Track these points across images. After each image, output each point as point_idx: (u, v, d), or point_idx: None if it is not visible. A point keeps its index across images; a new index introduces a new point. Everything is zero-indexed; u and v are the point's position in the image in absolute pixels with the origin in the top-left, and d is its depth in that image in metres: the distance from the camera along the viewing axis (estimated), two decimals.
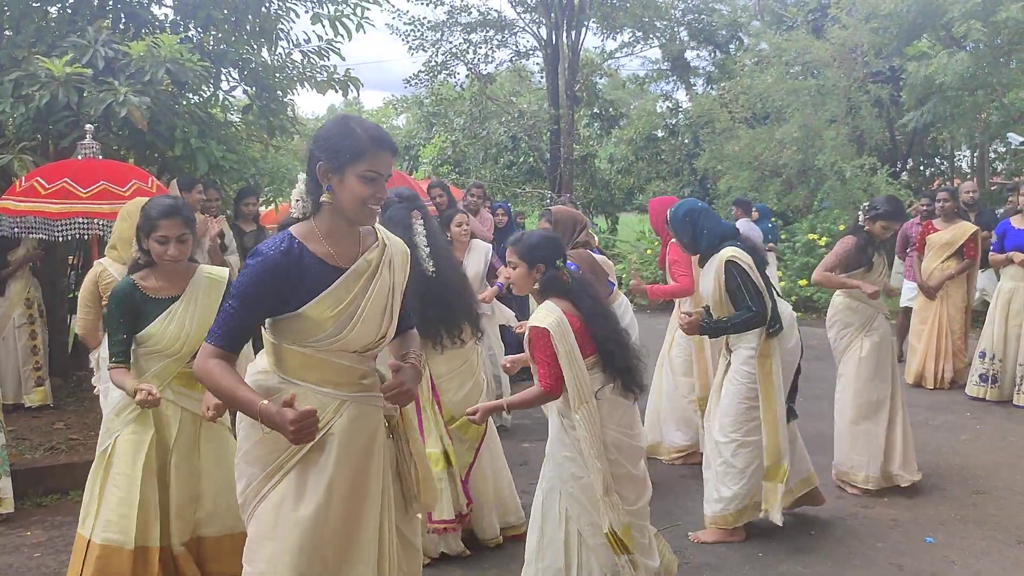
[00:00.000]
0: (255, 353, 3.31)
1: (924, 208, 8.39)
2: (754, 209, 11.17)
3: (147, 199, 3.53)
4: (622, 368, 3.25)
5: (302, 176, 2.38)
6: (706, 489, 4.40)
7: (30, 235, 5.49)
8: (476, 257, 5.66)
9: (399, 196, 4.05)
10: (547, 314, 3.19)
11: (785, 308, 4.41)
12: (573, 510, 3.26)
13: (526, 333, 3.26)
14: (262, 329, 2.40)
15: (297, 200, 2.35)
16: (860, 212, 4.98)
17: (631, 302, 5.82)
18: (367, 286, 2.34)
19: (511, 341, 6.48)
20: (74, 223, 5.11)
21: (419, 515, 2.68)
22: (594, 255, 4.96)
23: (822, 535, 4.37)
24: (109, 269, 3.94)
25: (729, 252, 4.17)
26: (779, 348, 4.27)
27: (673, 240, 5.22)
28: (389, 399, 2.40)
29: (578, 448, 3.22)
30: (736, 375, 4.30)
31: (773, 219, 12.30)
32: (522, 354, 3.53)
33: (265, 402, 2.19)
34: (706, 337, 5.02)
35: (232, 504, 3.22)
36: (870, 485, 4.91)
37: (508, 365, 3.88)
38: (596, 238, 6.00)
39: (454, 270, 4.20)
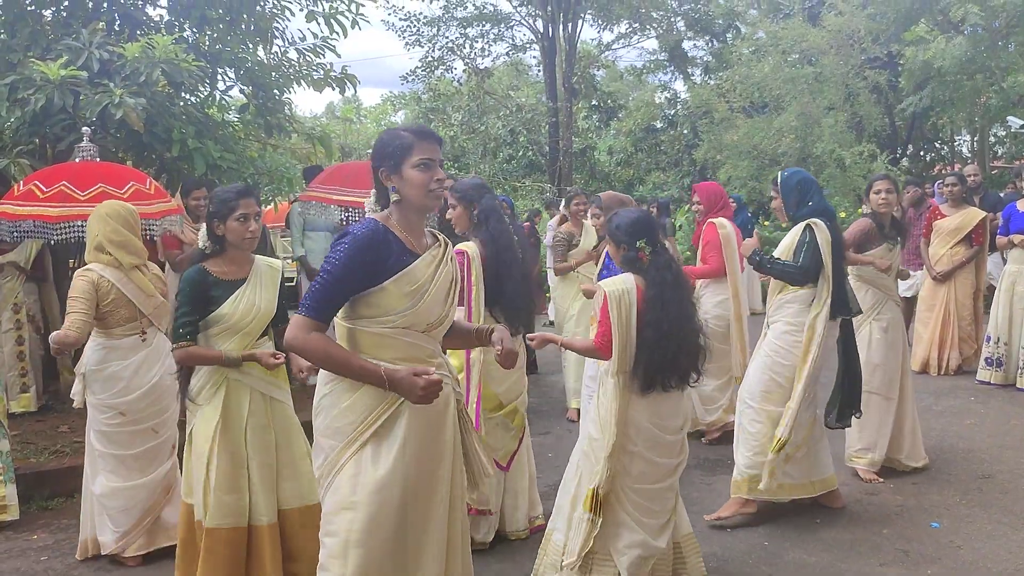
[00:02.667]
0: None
1: (909, 195, 8.40)
2: (732, 201, 11.23)
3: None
4: (650, 359, 3.30)
5: (372, 192, 2.70)
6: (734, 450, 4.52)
7: (29, 239, 5.50)
8: None
9: (482, 187, 4.18)
10: (619, 282, 3.39)
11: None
12: (585, 469, 3.43)
13: (597, 292, 3.44)
14: (338, 317, 2.55)
15: (370, 211, 2.60)
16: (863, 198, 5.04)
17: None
18: (435, 272, 2.57)
19: None
20: (73, 226, 5.10)
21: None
22: None
23: (827, 522, 4.37)
24: (105, 274, 3.94)
25: (814, 220, 4.33)
26: (829, 332, 4.33)
27: (712, 221, 5.64)
28: (501, 360, 2.68)
29: (600, 412, 3.39)
30: (768, 347, 4.42)
31: (750, 210, 12.33)
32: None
33: (388, 366, 2.42)
34: (744, 319, 5.55)
35: (304, 475, 3.54)
36: (874, 468, 4.94)
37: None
38: None
39: (528, 260, 4.37)
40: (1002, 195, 9.09)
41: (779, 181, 4.61)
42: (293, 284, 8.10)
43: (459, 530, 2.70)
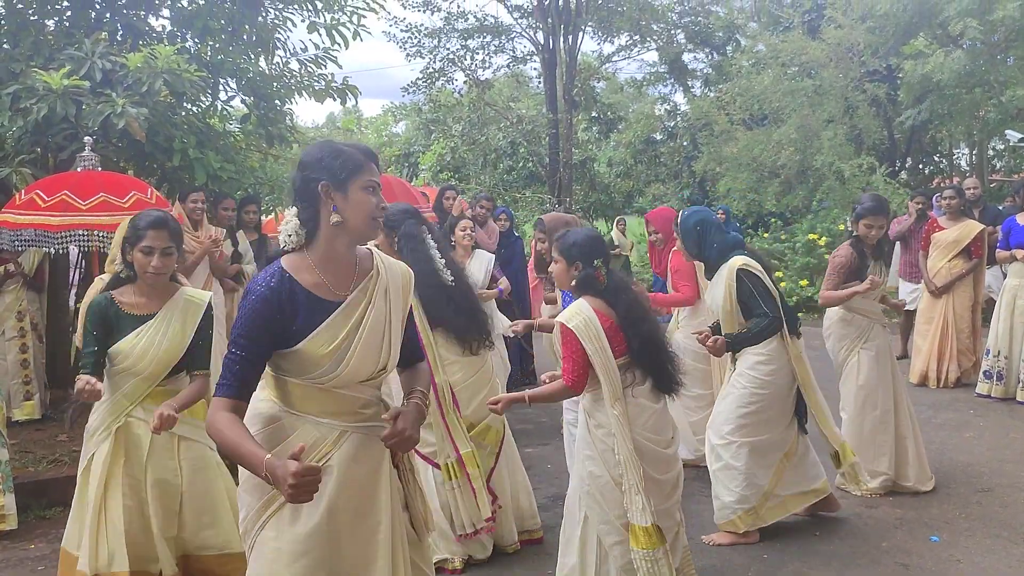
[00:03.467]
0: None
1: (919, 206, 8.40)
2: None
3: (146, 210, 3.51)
4: (654, 368, 3.31)
5: (291, 211, 2.30)
6: (714, 496, 4.42)
7: (30, 248, 5.51)
8: (477, 265, 5.67)
9: (405, 212, 4.08)
10: (575, 314, 3.28)
11: None
12: (592, 510, 3.34)
13: (556, 328, 3.34)
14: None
15: (290, 235, 2.28)
16: (848, 219, 4.96)
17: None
18: (360, 319, 2.29)
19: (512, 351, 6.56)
20: (74, 235, 5.11)
21: (429, 541, 2.68)
22: None
23: (827, 536, 4.36)
24: None
25: (739, 261, 4.22)
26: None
27: (676, 248, 5.27)
28: (390, 447, 2.35)
29: (598, 447, 3.31)
30: (740, 379, 4.32)
31: (749, 222, 12.37)
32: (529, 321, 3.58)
33: (270, 456, 2.08)
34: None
35: (224, 520, 3.30)
36: (878, 493, 4.87)
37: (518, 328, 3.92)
38: None
39: (466, 280, 4.25)
40: (1001, 208, 9.10)
41: (678, 222, 4.59)
42: None
43: None
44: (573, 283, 3.38)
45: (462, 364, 4.09)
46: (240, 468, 2.31)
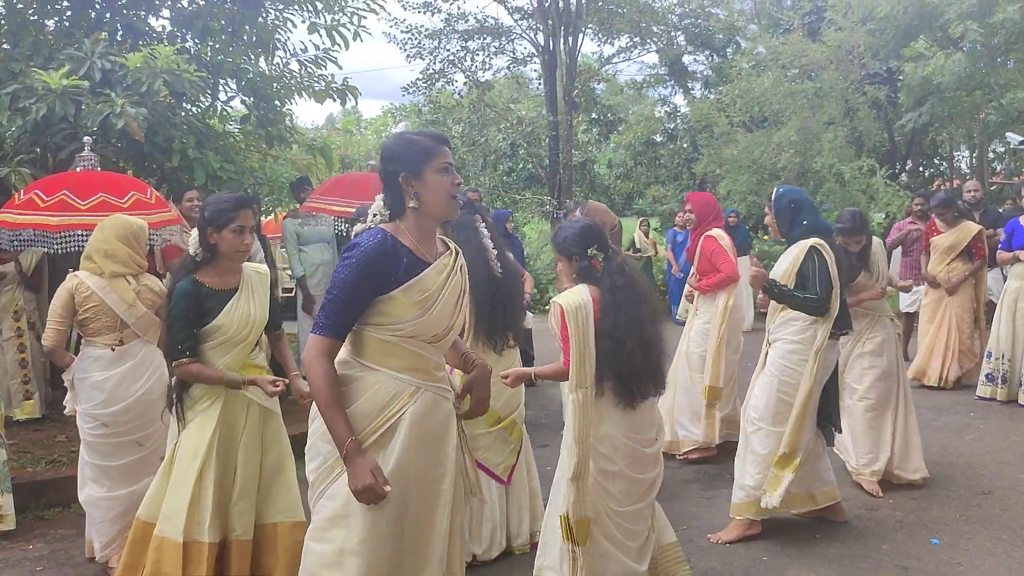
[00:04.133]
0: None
1: (918, 208, 8.39)
2: (732, 215, 11.45)
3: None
4: (619, 369, 3.20)
5: (379, 195, 2.57)
6: (736, 477, 4.46)
7: (29, 248, 5.49)
8: None
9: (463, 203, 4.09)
10: (572, 294, 3.27)
11: None
12: (558, 493, 3.33)
13: (553, 309, 3.33)
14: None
15: (375, 215, 2.54)
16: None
17: None
18: (445, 281, 2.55)
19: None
20: (73, 235, 5.10)
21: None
22: None
23: (827, 538, 4.35)
24: (87, 281, 3.92)
25: (816, 240, 4.27)
26: (832, 349, 4.33)
27: (709, 233, 5.60)
28: (472, 410, 2.73)
29: (567, 434, 3.30)
30: (773, 367, 4.36)
31: (749, 224, 12.43)
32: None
33: (352, 439, 2.38)
34: (723, 334, 5.42)
35: (294, 492, 3.49)
36: (875, 479, 4.97)
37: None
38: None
39: (515, 271, 4.24)
40: (1001, 211, 9.10)
41: (772, 198, 4.59)
42: (291, 295, 8.06)
43: (458, 547, 2.71)
44: (575, 276, 3.38)
45: (491, 360, 3.99)
46: (315, 423, 2.54)
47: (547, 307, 3.71)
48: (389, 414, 2.47)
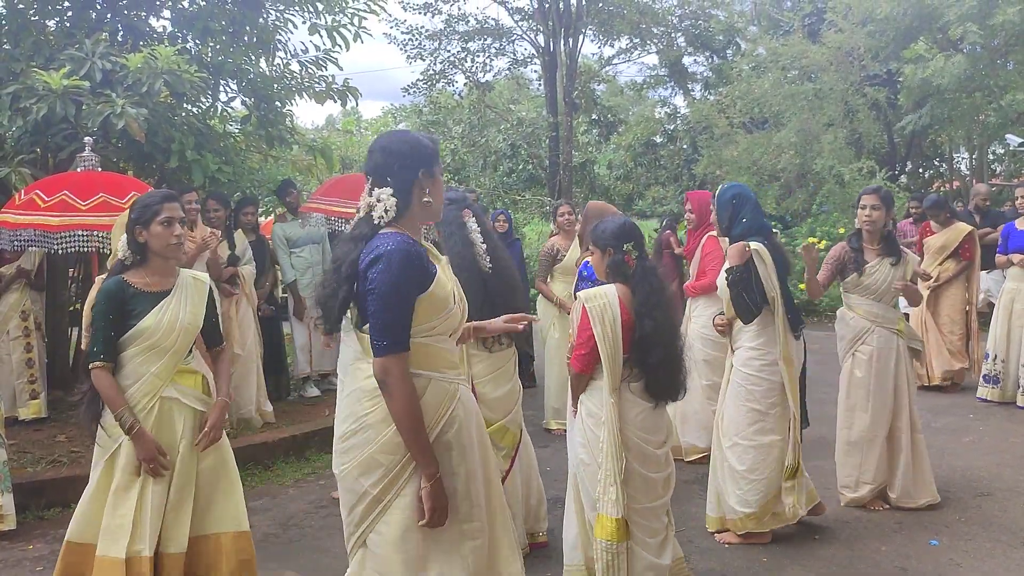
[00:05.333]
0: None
1: (914, 210, 8.42)
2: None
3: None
4: (652, 369, 3.28)
5: (387, 191, 2.47)
6: (710, 493, 4.42)
7: (30, 248, 5.50)
8: None
9: (448, 199, 4.06)
10: (600, 294, 3.29)
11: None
12: (583, 495, 3.40)
13: (575, 306, 3.36)
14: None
15: (388, 210, 2.47)
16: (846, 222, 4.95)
17: None
18: (450, 276, 2.59)
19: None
20: (74, 235, 5.10)
21: None
22: None
23: (826, 540, 4.36)
24: None
25: (754, 244, 4.19)
26: (798, 349, 4.29)
27: (712, 233, 5.42)
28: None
29: (587, 435, 3.35)
30: (736, 377, 4.30)
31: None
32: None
33: (438, 472, 2.39)
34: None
35: (233, 497, 3.34)
36: (857, 504, 4.75)
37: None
38: None
39: (509, 267, 4.15)
40: (1003, 211, 9.12)
41: (716, 193, 4.55)
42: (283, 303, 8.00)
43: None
44: (606, 269, 3.39)
45: (482, 357, 4.02)
46: (371, 433, 2.44)
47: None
48: (441, 416, 2.46)
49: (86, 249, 5.24)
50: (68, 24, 6.81)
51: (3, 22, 6.56)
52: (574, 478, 3.52)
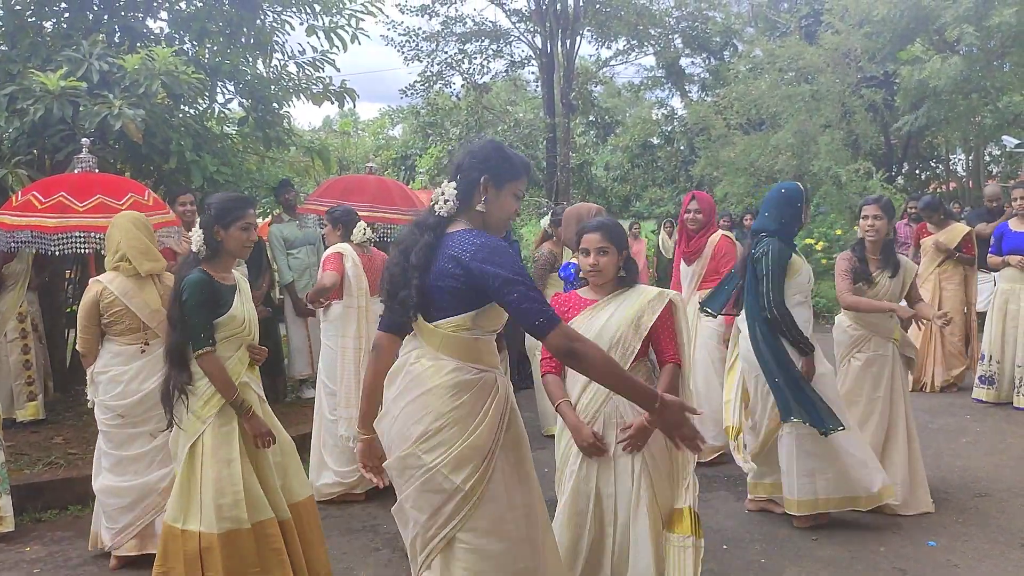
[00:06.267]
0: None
1: (912, 211, 8.44)
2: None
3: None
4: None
5: (451, 184, 2.56)
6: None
7: (26, 249, 5.48)
8: None
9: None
10: (665, 291, 3.23)
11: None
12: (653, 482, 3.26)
13: (656, 306, 3.16)
14: (449, 328, 2.49)
15: (448, 201, 2.54)
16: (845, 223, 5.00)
17: None
18: None
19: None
20: (71, 237, 5.09)
21: None
22: None
23: (824, 540, 4.36)
24: (109, 287, 3.98)
25: (763, 245, 4.32)
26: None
27: (722, 232, 5.56)
28: None
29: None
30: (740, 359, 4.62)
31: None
32: None
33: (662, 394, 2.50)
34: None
35: (300, 469, 3.73)
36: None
37: None
38: None
39: None
40: (1005, 209, 9.14)
41: (782, 190, 4.56)
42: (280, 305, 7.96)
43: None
44: (621, 272, 3.26)
45: None
46: (449, 431, 2.46)
47: None
48: (508, 410, 2.58)
49: (83, 251, 5.23)
50: (65, 25, 6.80)
51: (0, 23, 6.55)
52: (638, 493, 3.19)
